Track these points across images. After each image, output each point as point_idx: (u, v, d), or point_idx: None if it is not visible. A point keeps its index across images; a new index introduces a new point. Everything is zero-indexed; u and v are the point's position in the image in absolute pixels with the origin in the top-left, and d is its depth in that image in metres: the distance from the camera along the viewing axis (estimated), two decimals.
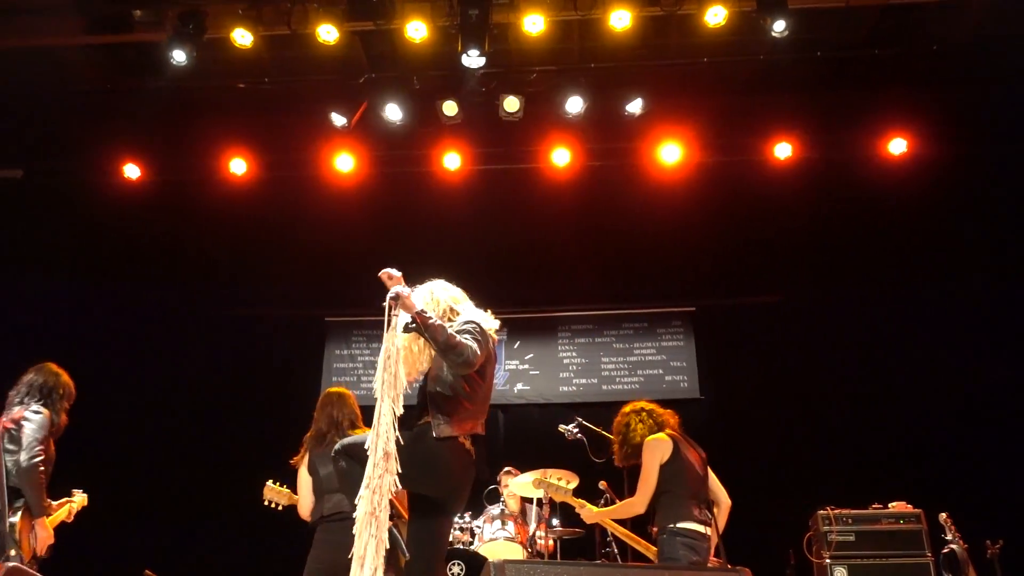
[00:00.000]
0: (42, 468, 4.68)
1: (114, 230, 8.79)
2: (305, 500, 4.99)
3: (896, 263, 8.42)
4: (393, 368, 3.55)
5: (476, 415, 3.80)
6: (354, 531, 3.39)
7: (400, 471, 3.46)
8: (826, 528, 5.99)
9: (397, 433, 3.49)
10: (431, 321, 3.52)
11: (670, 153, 8.40)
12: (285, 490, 5.45)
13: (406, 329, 3.59)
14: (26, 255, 8.56)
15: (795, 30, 7.00)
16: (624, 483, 6.23)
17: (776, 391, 8.24)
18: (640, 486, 4.80)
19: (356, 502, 3.42)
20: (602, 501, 6.51)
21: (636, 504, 4.82)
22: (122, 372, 8.54)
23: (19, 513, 4.61)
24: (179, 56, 7.24)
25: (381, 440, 3.43)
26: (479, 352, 3.61)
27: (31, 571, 2.97)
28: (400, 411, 3.52)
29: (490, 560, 2.88)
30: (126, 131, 8.49)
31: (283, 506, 5.46)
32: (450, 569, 5.99)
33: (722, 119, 8.51)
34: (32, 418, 4.76)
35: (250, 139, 8.63)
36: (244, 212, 8.69)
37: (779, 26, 6.95)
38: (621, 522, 5.26)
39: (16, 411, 4.85)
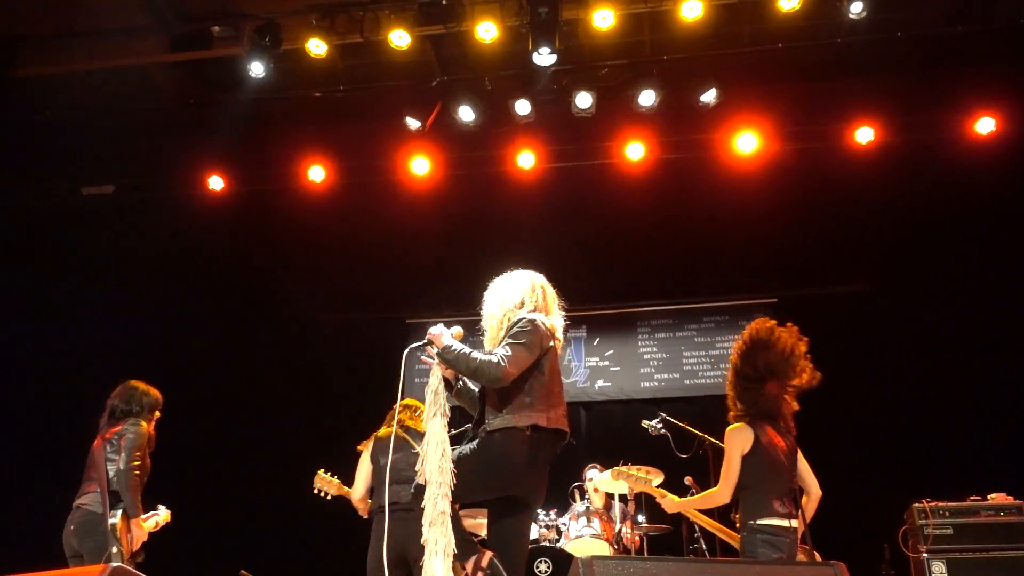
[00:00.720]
0: (138, 473, 5.10)
1: (200, 241, 9.05)
2: (359, 486, 5.13)
3: (989, 247, 8.12)
4: (437, 399, 3.90)
5: (537, 407, 3.80)
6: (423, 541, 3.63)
7: (468, 478, 3.70)
8: (922, 522, 5.82)
9: (457, 449, 3.81)
10: (452, 353, 3.81)
11: (746, 142, 8.27)
12: (335, 480, 5.58)
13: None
14: (118, 268, 8.88)
15: (872, 11, 6.83)
16: (710, 477, 6.16)
17: (865, 381, 8.03)
18: (722, 476, 4.73)
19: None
20: (690, 495, 6.47)
21: (719, 495, 4.73)
22: (211, 379, 8.80)
23: (119, 514, 5.03)
24: (257, 69, 7.43)
25: (433, 460, 3.71)
26: (506, 365, 3.71)
27: (134, 571, 3.08)
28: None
29: (578, 557, 2.87)
30: (209, 144, 8.74)
31: (332, 496, 5.59)
32: (537, 567, 6.01)
33: (799, 106, 8.35)
34: (131, 430, 5.22)
35: (328, 147, 8.80)
36: (324, 218, 8.86)
37: (856, 8, 6.79)
38: (708, 512, 5.18)
39: (115, 426, 5.27)
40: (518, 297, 4.10)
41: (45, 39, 7.74)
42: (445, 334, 3.94)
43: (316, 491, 5.67)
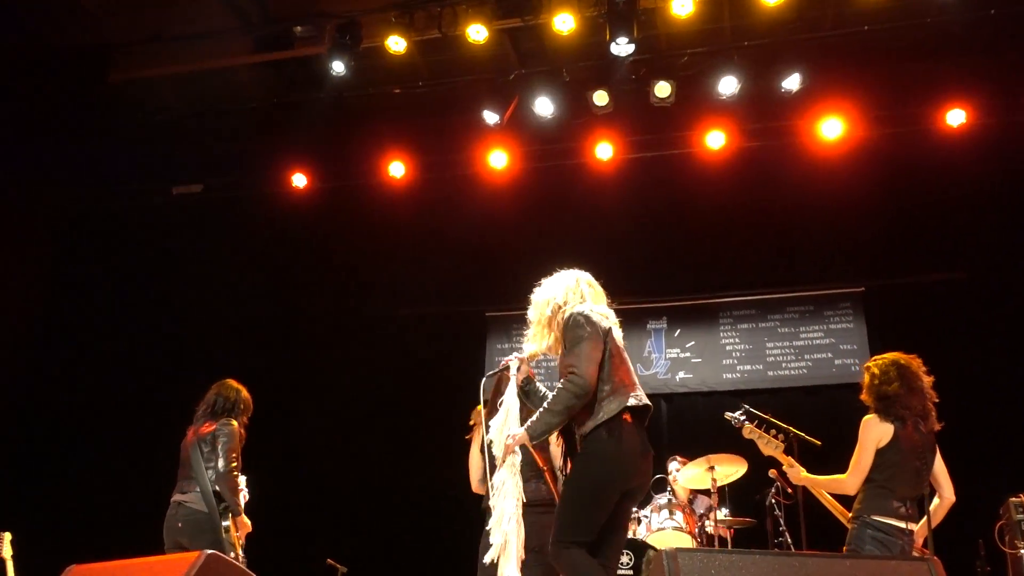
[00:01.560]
0: (235, 474, 5.30)
1: (285, 237, 9.27)
2: (475, 473, 5.13)
3: None
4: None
5: (621, 391, 3.77)
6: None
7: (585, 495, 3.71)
8: (1019, 516, 5.61)
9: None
10: (540, 426, 3.74)
11: (831, 128, 8.07)
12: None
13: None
14: (208, 265, 9.16)
15: None
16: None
17: (957, 372, 7.74)
18: (853, 465, 4.63)
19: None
20: (773, 489, 6.37)
21: (848, 483, 4.65)
22: (298, 374, 9.00)
23: (229, 517, 5.27)
24: (338, 67, 7.57)
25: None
26: (582, 372, 3.69)
27: (229, 558, 3.18)
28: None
29: (662, 549, 2.86)
30: (292, 142, 8.94)
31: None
32: None
33: (886, 89, 8.10)
34: (224, 431, 5.37)
35: (407, 142, 8.90)
36: (404, 213, 8.97)
37: None
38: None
39: (207, 424, 5.44)
40: (561, 296, 4.01)
41: (136, 45, 8.02)
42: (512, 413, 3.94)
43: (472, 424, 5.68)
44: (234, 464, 5.31)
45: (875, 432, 4.58)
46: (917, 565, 2.87)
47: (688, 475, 6.60)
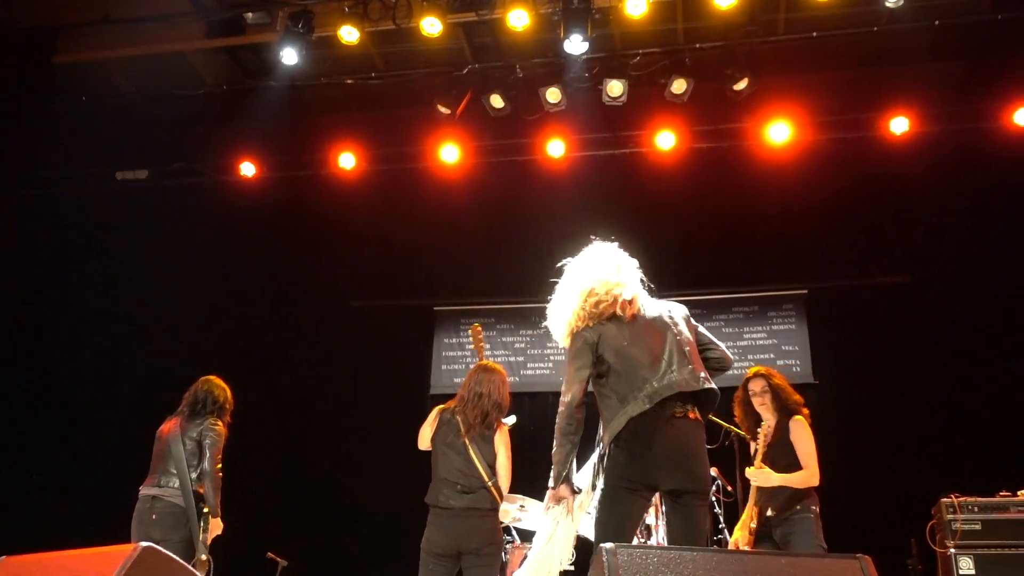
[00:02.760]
0: (220, 475, 5.42)
1: (232, 226, 9.14)
2: (425, 437, 5.11)
3: None
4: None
5: (622, 403, 3.79)
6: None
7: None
8: (950, 517, 5.77)
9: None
10: (557, 469, 3.91)
11: (779, 132, 8.20)
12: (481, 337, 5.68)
13: None
14: (150, 253, 9.00)
15: None
16: (737, 468, 6.16)
17: (896, 375, 7.96)
18: (812, 458, 5.02)
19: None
20: (712, 487, 6.46)
21: (815, 476, 5.03)
22: (243, 364, 8.88)
23: (206, 516, 5.35)
24: (290, 56, 7.50)
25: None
26: (563, 399, 3.84)
27: (164, 551, 3.14)
28: None
29: (602, 545, 2.89)
30: (242, 130, 8.81)
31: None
32: None
33: (834, 95, 8.26)
34: (212, 432, 5.48)
35: (359, 133, 8.84)
36: (354, 205, 8.91)
37: None
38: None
39: (192, 421, 5.50)
40: (564, 330, 4.07)
41: (84, 26, 7.85)
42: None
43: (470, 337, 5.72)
44: (219, 465, 5.42)
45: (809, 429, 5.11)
46: (850, 562, 2.93)
47: None
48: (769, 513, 5.04)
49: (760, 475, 5.03)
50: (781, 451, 5.08)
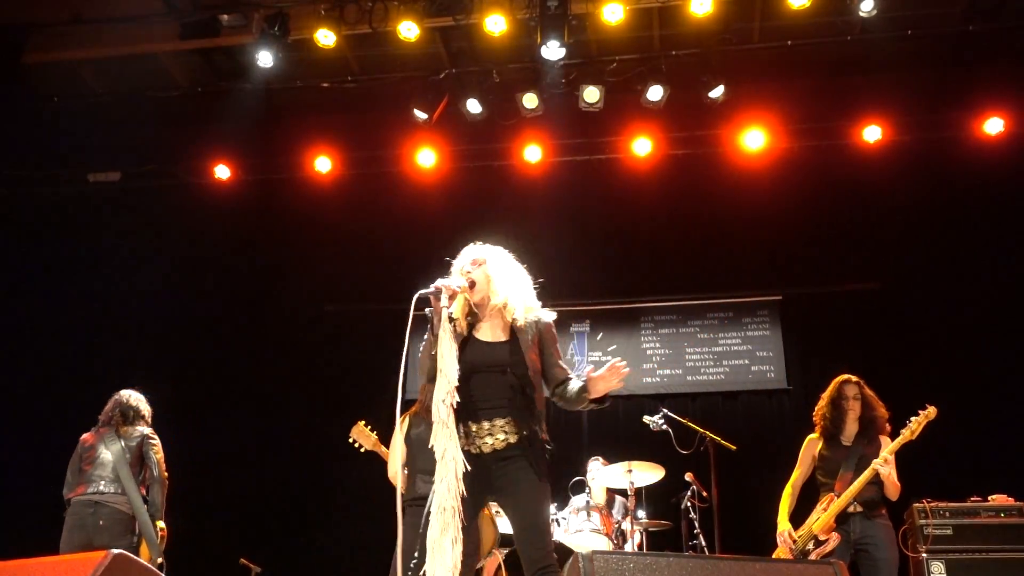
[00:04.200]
0: (168, 481, 5.58)
1: (206, 229, 9.05)
2: (394, 465, 5.11)
3: (997, 247, 8.09)
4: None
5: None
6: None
7: None
8: (922, 522, 5.83)
9: None
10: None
11: (754, 139, 8.25)
12: (373, 436, 5.60)
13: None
14: (124, 255, 8.90)
15: (884, 8, 6.82)
16: (711, 474, 6.18)
17: (868, 381, 8.00)
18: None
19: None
20: (688, 492, 6.48)
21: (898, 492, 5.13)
22: (216, 368, 8.81)
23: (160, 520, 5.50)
24: (265, 58, 7.45)
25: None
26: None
27: (136, 558, 3.09)
28: None
29: (578, 551, 2.88)
30: (217, 133, 8.73)
31: (366, 450, 5.62)
32: None
33: (807, 103, 8.34)
34: (154, 441, 5.66)
35: (334, 137, 8.80)
36: (330, 209, 8.86)
37: (867, 5, 6.79)
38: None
39: (128, 431, 5.60)
40: (532, 298, 3.91)
41: (55, 25, 7.75)
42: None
43: (351, 441, 5.69)
44: (166, 472, 5.57)
45: None
46: (823, 568, 2.95)
47: (606, 474, 6.67)
48: (853, 510, 5.03)
49: (887, 466, 5.03)
50: (864, 462, 5.09)
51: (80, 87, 8.41)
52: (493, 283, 3.76)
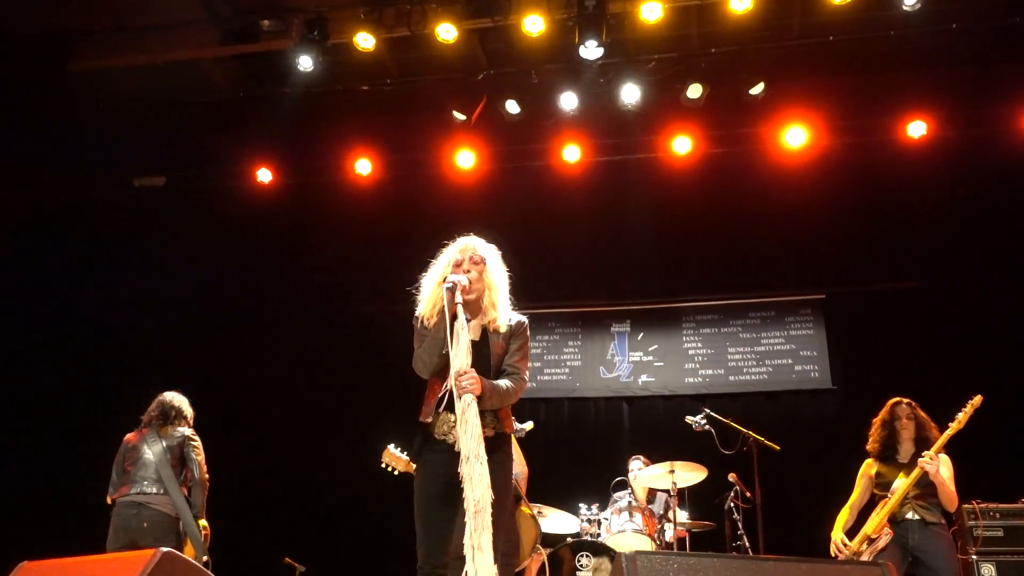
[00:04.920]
0: (208, 482, 5.62)
1: (249, 233, 9.16)
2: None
3: None
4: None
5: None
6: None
7: None
8: (972, 523, 5.73)
9: None
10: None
11: (795, 136, 8.17)
12: (404, 457, 5.64)
13: None
14: (168, 258, 9.03)
15: (926, 2, 6.72)
16: (754, 475, 6.12)
17: (914, 379, 7.88)
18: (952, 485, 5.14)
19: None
20: (732, 493, 6.43)
21: (956, 501, 5.21)
22: (256, 371, 8.90)
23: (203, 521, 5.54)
24: (305, 62, 7.52)
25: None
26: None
27: (184, 556, 3.14)
28: None
29: (621, 552, 2.87)
30: (258, 137, 8.85)
31: (400, 472, 5.66)
32: (578, 560, 6.02)
33: (850, 99, 8.23)
34: (195, 442, 5.70)
35: (374, 140, 8.86)
36: (370, 211, 8.92)
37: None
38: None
39: (170, 432, 5.65)
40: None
41: (100, 33, 7.89)
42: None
43: (384, 465, 5.74)
44: (207, 473, 5.61)
45: None
46: (871, 569, 2.90)
47: (648, 474, 6.63)
48: (911, 516, 5.06)
49: (934, 463, 5.03)
50: (924, 479, 5.10)
51: (125, 94, 8.54)
52: (490, 288, 3.88)
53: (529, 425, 6.20)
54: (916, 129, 8.03)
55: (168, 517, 5.40)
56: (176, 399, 5.81)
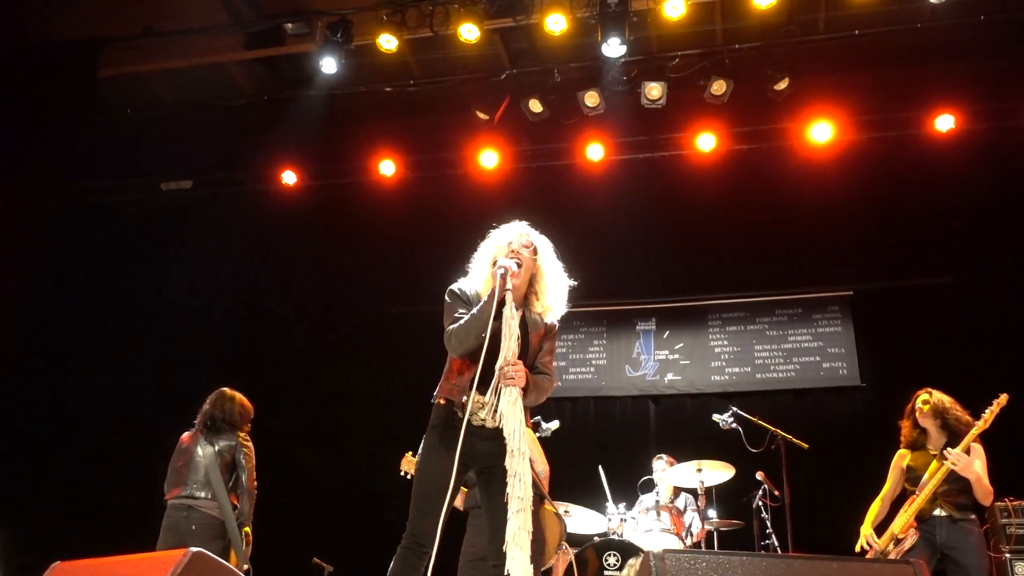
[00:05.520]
0: (256, 488, 5.57)
1: (274, 234, 9.23)
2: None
3: None
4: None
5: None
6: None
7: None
8: (1004, 521, 5.65)
9: None
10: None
11: (821, 132, 8.11)
12: None
13: None
14: (195, 261, 9.11)
15: None
16: (783, 473, 6.08)
17: (944, 376, 7.78)
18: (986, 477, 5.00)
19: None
20: (760, 492, 6.39)
21: (990, 496, 5.05)
22: (282, 372, 8.96)
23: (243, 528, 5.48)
24: (329, 65, 7.56)
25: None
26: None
27: (214, 557, 3.16)
28: None
29: (649, 550, 2.86)
30: (283, 139, 8.90)
31: None
32: (605, 559, 6.00)
33: (876, 94, 8.15)
34: (246, 447, 5.62)
35: (398, 141, 8.90)
36: (395, 211, 8.95)
37: None
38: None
39: (218, 435, 5.59)
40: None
41: (128, 40, 7.98)
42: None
43: (403, 473, 5.76)
44: (255, 479, 5.56)
45: None
46: (902, 568, 2.87)
47: (674, 474, 6.61)
48: (939, 513, 4.99)
49: (962, 458, 4.93)
50: (953, 474, 5.00)
51: (152, 99, 8.65)
52: (538, 277, 3.87)
53: (555, 424, 6.19)
54: (944, 123, 7.95)
55: (216, 521, 5.39)
56: (226, 400, 5.73)
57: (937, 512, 4.96)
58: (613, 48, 7.07)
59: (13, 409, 8.73)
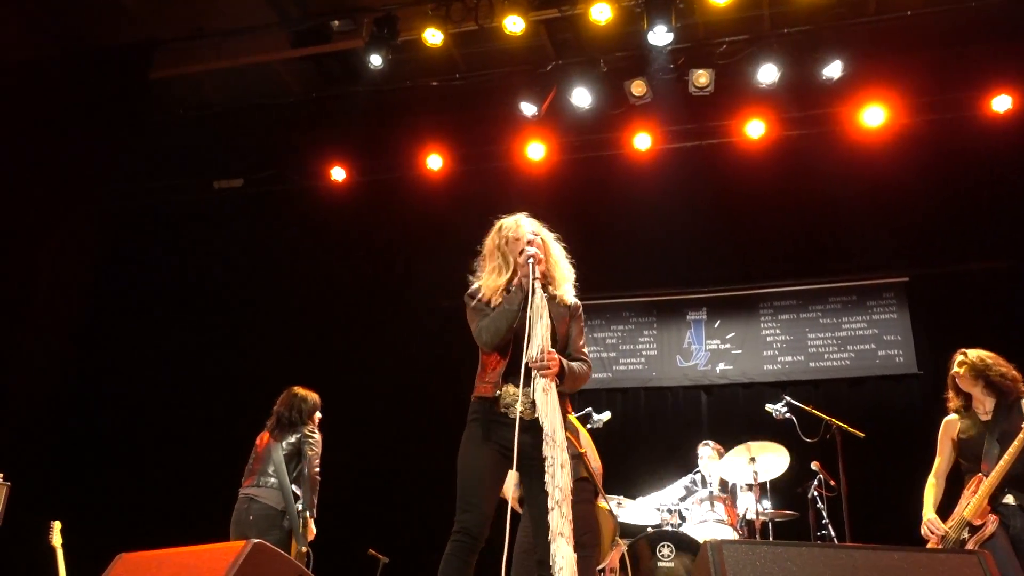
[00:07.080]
0: (319, 478, 5.67)
1: (325, 230, 9.32)
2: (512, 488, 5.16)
3: None
4: None
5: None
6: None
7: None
8: None
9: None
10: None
11: (873, 116, 7.96)
12: None
13: None
14: (248, 258, 9.26)
15: None
16: (839, 463, 6.00)
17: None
18: None
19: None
20: (815, 482, 6.32)
21: None
22: (334, 367, 9.04)
23: (305, 517, 5.56)
24: (376, 60, 7.62)
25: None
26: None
27: (274, 547, 3.22)
28: None
29: (707, 541, 2.84)
30: (331, 136, 9.00)
31: None
32: (659, 551, 5.99)
33: (929, 75, 7.97)
34: (312, 439, 5.73)
35: (445, 135, 8.92)
36: (442, 205, 8.98)
37: None
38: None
39: (288, 432, 5.74)
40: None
41: (177, 41, 8.12)
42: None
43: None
44: (318, 469, 5.65)
45: None
46: (968, 558, 2.82)
47: (729, 468, 6.56)
48: (1007, 500, 4.39)
49: None
50: (1008, 437, 4.44)
51: (202, 99, 8.79)
52: (555, 262, 3.96)
53: (607, 415, 6.18)
54: (1001, 103, 7.76)
55: (273, 511, 5.49)
56: (293, 399, 5.86)
57: (1006, 500, 4.39)
58: (659, 36, 7.03)
59: (76, 405, 8.98)
